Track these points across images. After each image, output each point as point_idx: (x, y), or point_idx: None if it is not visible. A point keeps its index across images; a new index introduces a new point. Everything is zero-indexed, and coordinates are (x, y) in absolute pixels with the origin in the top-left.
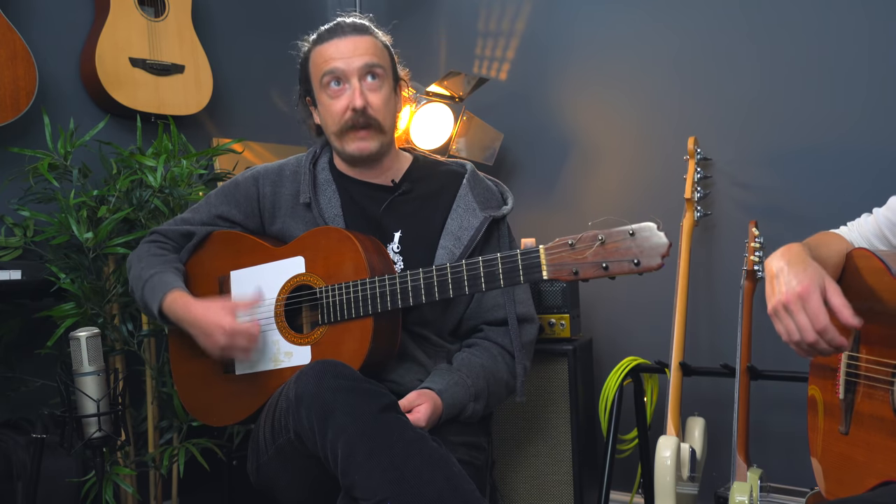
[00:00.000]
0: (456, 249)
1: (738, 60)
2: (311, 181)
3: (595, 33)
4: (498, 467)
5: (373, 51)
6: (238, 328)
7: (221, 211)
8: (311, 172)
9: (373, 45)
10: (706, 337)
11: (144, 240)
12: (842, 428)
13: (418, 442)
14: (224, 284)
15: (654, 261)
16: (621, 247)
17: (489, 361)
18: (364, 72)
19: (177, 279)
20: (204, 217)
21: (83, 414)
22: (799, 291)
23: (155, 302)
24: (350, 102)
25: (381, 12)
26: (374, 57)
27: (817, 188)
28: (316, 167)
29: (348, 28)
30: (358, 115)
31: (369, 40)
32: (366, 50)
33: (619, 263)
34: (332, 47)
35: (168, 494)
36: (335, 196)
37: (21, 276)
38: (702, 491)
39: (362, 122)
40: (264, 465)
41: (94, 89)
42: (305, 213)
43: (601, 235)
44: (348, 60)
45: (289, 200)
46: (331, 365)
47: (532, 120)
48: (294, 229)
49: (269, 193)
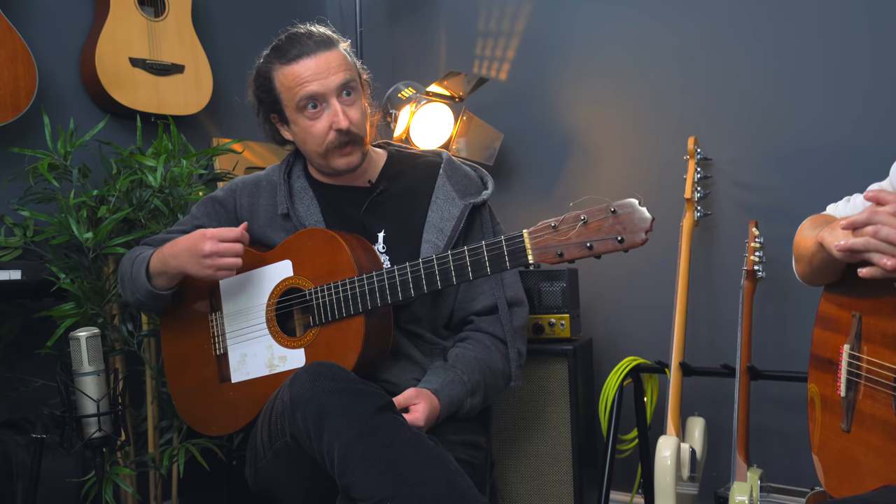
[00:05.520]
0: (440, 241)
1: (738, 60)
2: (288, 191)
3: (595, 33)
4: (498, 467)
5: (344, 66)
6: (221, 232)
7: (202, 222)
8: (287, 182)
9: (342, 59)
10: (706, 337)
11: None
12: (843, 425)
13: (415, 441)
14: (214, 292)
15: (638, 237)
16: (604, 225)
17: (483, 353)
18: (340, 90)
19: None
20: (187, 229)
21: (83, 414)
22: None
23: (142, 269)
24: (331, 123)
25: (381, 12)
26: (346, 73)
27: (818, 188)
28: (291, 177)
29: (314, 44)
30: (342, 135)
31: (338, 55)
32: (338, 66)
33: (604, 242)
34: (301, 68)
35: (168, 494)
36: (313, 203)
37: (21, 276)
38: (702, 491)
39: (346, 141)
40: (262, 469)
41: (94, 89)
42: (285, 223)
43: (583, 215)
44: (324, 82)
45: (267, 212)
46: (325, 367)
47: (532, 120)
48: (275, 240)
49: (247, 204)
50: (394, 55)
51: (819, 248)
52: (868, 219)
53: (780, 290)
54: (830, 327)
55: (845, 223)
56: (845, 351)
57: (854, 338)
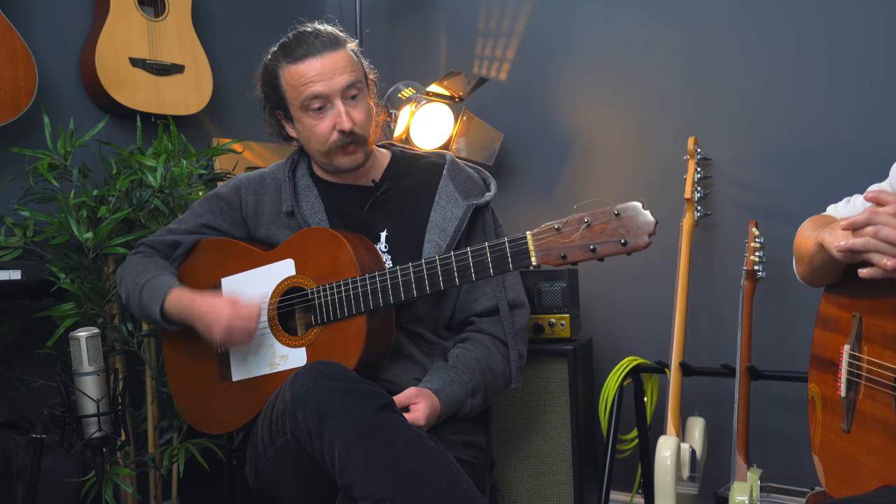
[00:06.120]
0: (442, 242)
1: (738, 60)
2: (292, 189)
3: (595, 33)
4: (498, 467)
5: (350, 67)
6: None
7: (207, 220)
8: (292, 180)
9: (349, 59)
10: (706, 337)
11: (131, 252)
12: (843, 425)
13: (416, 441)
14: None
15: (642, 240)
16: (608, 228)
17: (484, 354)
18: (345, 92)
19: (174, 280)
20: (190, 227)
21: (83, 414)
22: None
23: (156, 303)
24: (335, 124)
25: (381, 12)
26: (352, 74)
27: (818, 188)
28: (295, 174)
29: (321, 44)
30: (346, 135)
31: (345, 55)
32: (344, 67)
33: (607, 245)
34: (307, 68)
35: (168, 494)
36: (318, 202)
37: (21, 276)
38: (702, 491)
39: (350, 141)
40: (263, 468)
41: (94, 89)
42: (289, 220)
43: (587, 218)
44: (329, 83)
45: (272, 209)
46: (326, 366)
47: (532, 120)
48: (279, 237)
49: (252, 202)
50: (394, 55)
51: (819, 248)
52: (868, 219)
53: (780, 290)
54: (831, 328)
55: (845, 224)
56: (845, 351)
57: (854, 338)
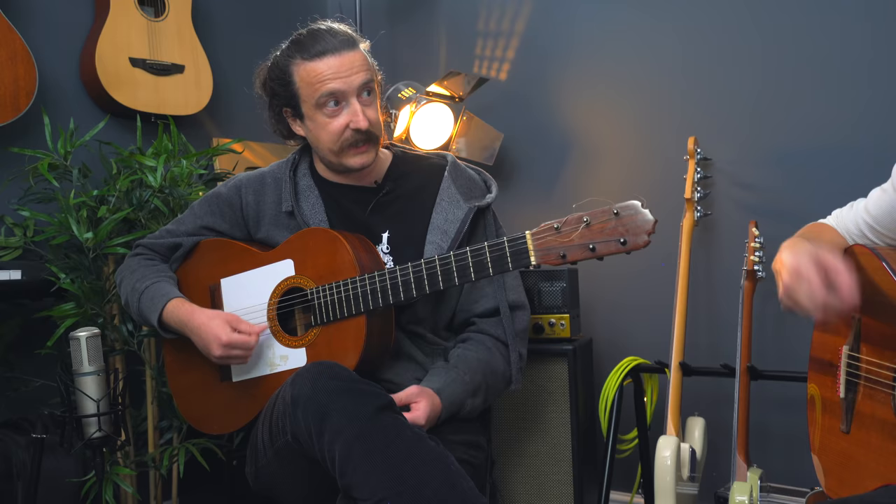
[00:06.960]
0: (443, 243)
1: (738, 60)
2: (293, 189)
3: (595, 33)
4: (498, 467)
5: (365, 66)
6: (234, 340)
7: (207, 222)
8: (292, 180)
9: (363, 59)
10: (706, 337)
11: (130, 254)
12: (843, 426)
13: (416, 441)
14: (215, 292)
15: (641, 239)
16: (607, 227)
17: (484, 354)
18: (361, 90)
19: (173, 288)
20: (189, 228)
21: (83, 414)
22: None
23: (154, 312)
24: (350, 122)
25: (381, 12)
26: (367, 73)
27: (818, 188)
28: (296, 174)
29: (337, 43)
30: (360, 133)
31: (360, 55)
32: (360, 67)
33: (606, 244)
34: (324, 65)
35: (168, 494)
36: (318, 202)
37: (21, 276)
38: (702, 491)
39: (363, 139)
40: (263, 468)
41: (94, 89)
42: (289, 220)
43: (586, 217)
44: (346, 80)
45: (272, 209)
46: (326, 366)
47: (532, 120)
48: (278, 237)
49: (253, 202)
50: (394, 55)
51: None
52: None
53: None
54: (830, 329)
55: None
56: (844, 352)
57: (853, 338)
